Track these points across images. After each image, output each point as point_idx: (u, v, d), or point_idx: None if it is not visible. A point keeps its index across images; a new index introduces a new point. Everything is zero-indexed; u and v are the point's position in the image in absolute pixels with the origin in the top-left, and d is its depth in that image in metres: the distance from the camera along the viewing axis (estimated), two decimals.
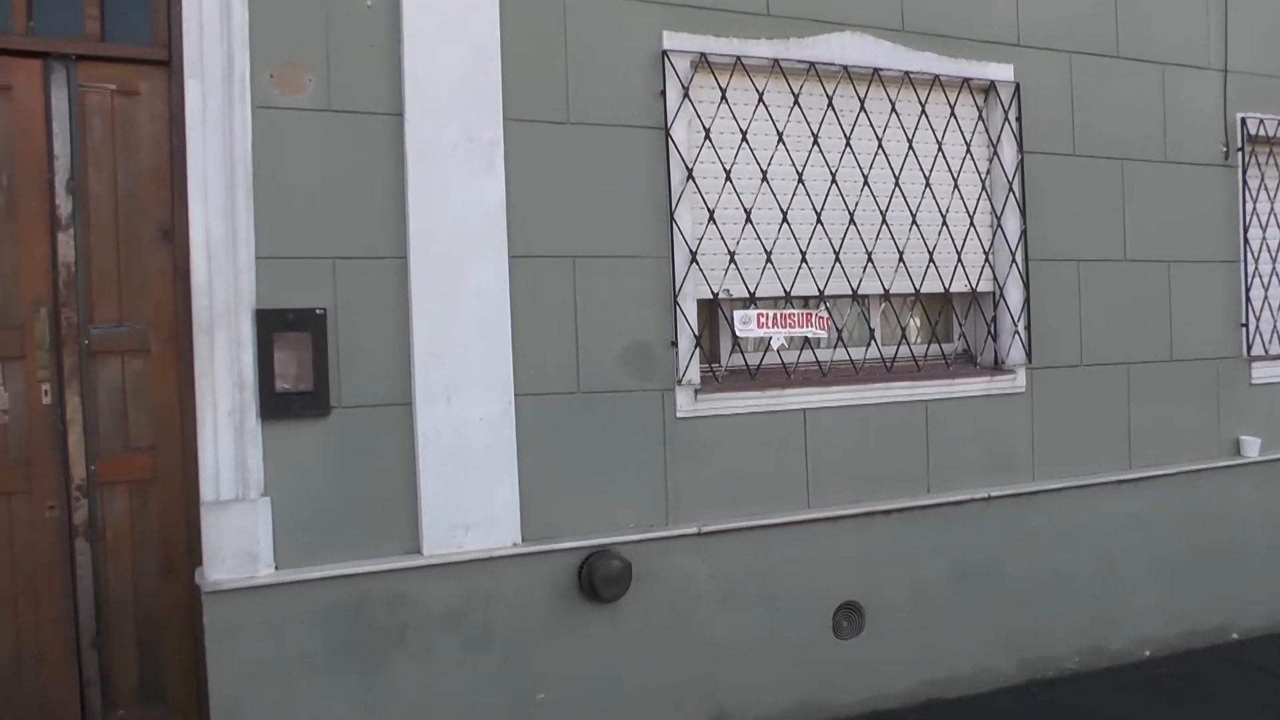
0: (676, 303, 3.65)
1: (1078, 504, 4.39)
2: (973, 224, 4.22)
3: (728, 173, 3.75)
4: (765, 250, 3.82)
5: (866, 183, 4.00)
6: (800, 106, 3.88)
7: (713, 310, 3.84)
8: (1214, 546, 4.73)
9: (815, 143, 3.91)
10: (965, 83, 4.19)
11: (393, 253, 3.27)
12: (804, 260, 3.88)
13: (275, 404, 3.14)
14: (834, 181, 3.94)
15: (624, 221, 3.58)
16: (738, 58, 3.75)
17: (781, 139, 3.85)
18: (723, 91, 3.74)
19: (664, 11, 3.64)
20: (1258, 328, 4.91)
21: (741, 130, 3.78)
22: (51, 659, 3.23)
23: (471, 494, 3.33)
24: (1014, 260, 4.25)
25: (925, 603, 4.06)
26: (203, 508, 3.09)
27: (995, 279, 4.28)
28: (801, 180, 3.88)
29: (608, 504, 3.55)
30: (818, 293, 3.92)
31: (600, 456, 3.55)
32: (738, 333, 3.78)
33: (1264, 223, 4.98)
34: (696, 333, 3.68)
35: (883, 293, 4.07)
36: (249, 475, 3.10)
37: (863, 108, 3.98)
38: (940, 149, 4.15)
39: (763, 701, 3.77)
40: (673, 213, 3.65)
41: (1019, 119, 4.26)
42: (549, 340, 3.47)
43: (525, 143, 3.42)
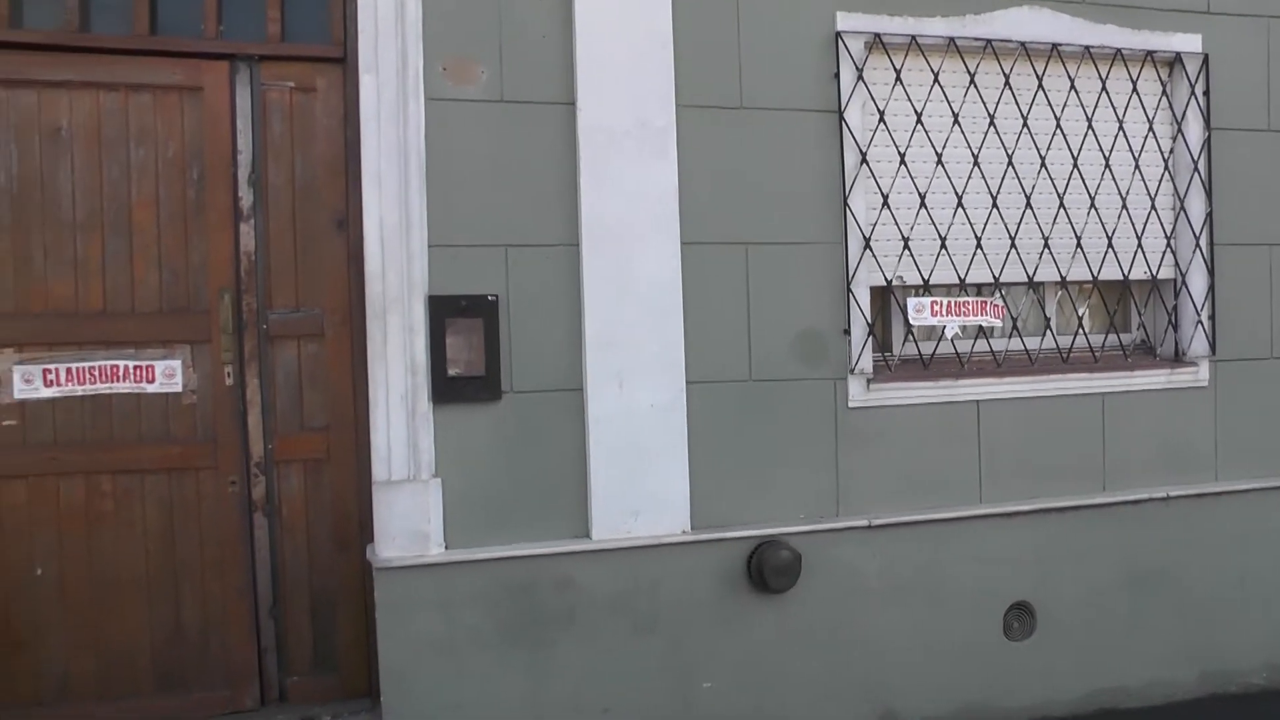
0: (849, 290, 3.55)
1: (1266, 507, 4.09)
2: (1154, 207, 3.97)
3: (902, 156, 3.62)
4: (939, 236, 3.68)
5: (1043, 164, 3.80)
6: (976, 86, 3.71)
7: (885, 297, 3.72)
8: None
9: (991, 123, 3.74)
10: (1149, 56, 3.94)
11: (564, 240, 3.27)
12: (979, 246, 3.72)
13: (447, 388, 3.19)
14: (1010, 164, 3.76)
15: (796, 207, 3.50)
16: (912, 37, 3.61)
17: (957, 120, 3.69)
18: (897, 72, 3.61)
19: None
20: None
21: (916, 112, 3.65)
22: (233, 626, 3.40)
23: (641, 480, 3.31)
24: (1198, 245, 3.98)
25: (1099, 606, 3.86)
26: (375, 487, 3.17)
27: (1177, 265, 4.02)
28: (977, 163, 3.72)
29: (777, 494, 3.48)
30: (992, 280, 3.75)
31: (770, 445, 3.48)
32: (911, 321, 3.66)
33: None
34: (869, 321, 3.57)
35: (1059, 280, 3.87)
36: (420, 456, 3.17)
37: (1040, 86, 3.78)
38: (1121, 127, 3.91)
39: (928, 702, 3.65)
40: (846, 198, 3.54)
41: (1206, 93, 3.98)
42: (720, 327, 3.42)
43: (697, 128, 3.37)
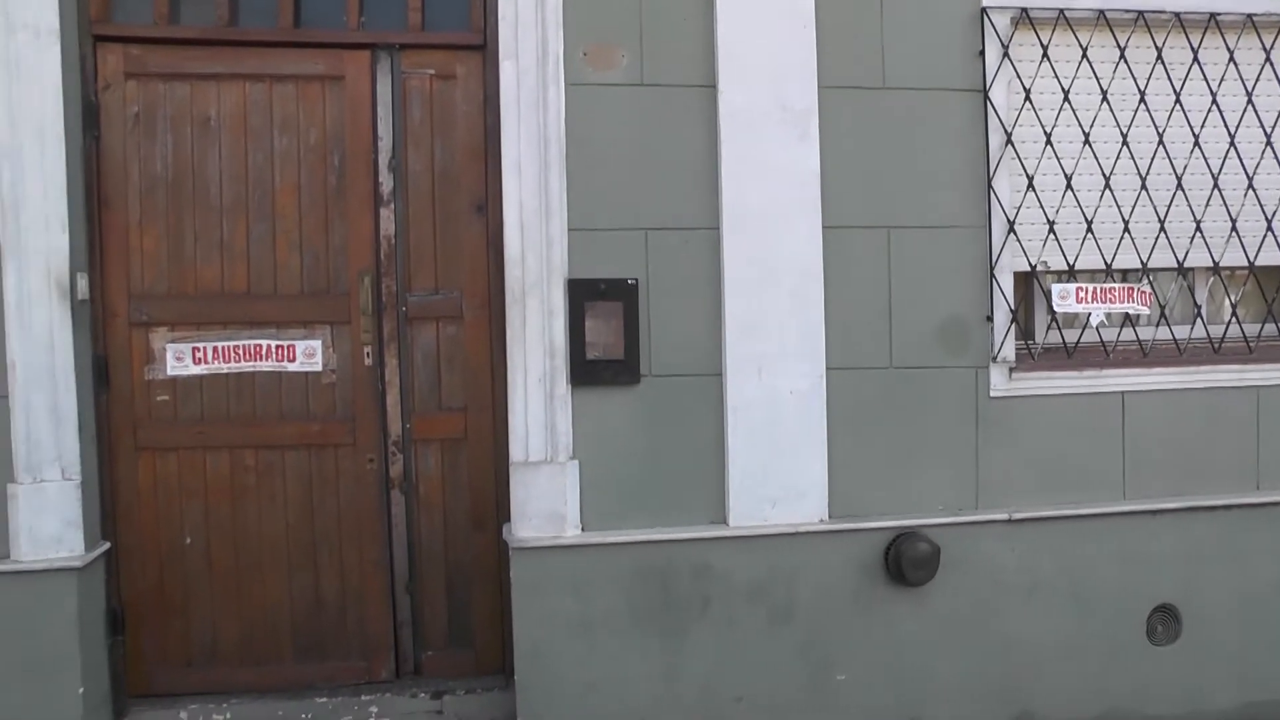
0: (993, 275, 3.43)
1: None
2: None
3: (1048, 136, 3.48)
4: (1085, 219, 3.53)
5: (1197, 143, 3.61)
6: (1126, 61, 3.54)
7: (1028, 283, 3.59)
8: None
9: (1141, 100, 3.56)
10: None
11: (704, 224, 3.25)
12: (1126, 230, 3.56)
13: (585, 371, 3.20)
14: (1160, 143, 3.58)
15: (939, 190, 3.40)
16: (1060, 11, 3.46)
17: (1105, 98, 3.53)
18: (1044, 48, 3.47)
19: None
20: None
21: (1063, 90, 3.50)
22: (370, 599, 3.48)
23: (779, 468, 3.27)
24: None
25: (1251, 612, 3.65)
26: (512, 468, 3.21)
27: None
28: (1125, 142, 3.55)
29: (916, 484, 3.40)
30: (1140, 265, 3.58)
31: (909, 434, 3.39)
32: (1055, 308, 3.52)
33: None
34: (1012, 307, 3.45)
35: (1211, 265, 3.67)
36: (558, 439, 3.19)
37: (1195, 59, 3.60)
38: None
39: (1068, 704, 3.51)
40: (990, 180, 3.42)
41: None
42: (861, 313, 3.35)
43: (839, 110, 3.31)
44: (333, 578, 3.46)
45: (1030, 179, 3.48)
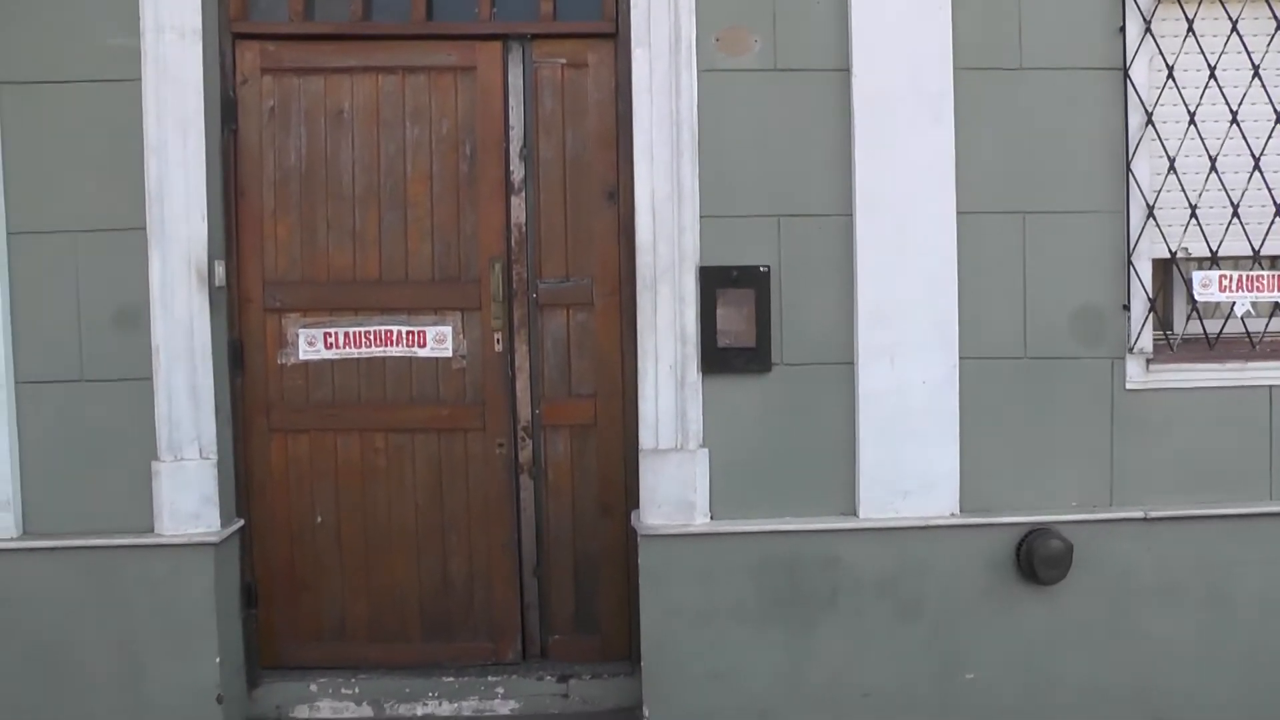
0: (1130, 262, 3.32)
1: None
2: None
3: (1191, 116, 3.34)
4: (1231, 203, 3.38)
5: None
6: None
7: (1168, 271, 3.47)
8: None
9: None
10: None
11: (837, 210, 3.22)
12: (1277, 214, 3.40)
13: (716, 359, 3.20)
14: None
15: (1075, 174, 3.30)
16: None
17: (1257, 74, 3.37)
18: (1189, 22, 3.34)
19: None
20: None
21: (1209, 66, 3.35)
22: (498, 582, 3.53)
23: (911, 459, 3.22)
24: None
25: None
26: (641, 455, 3.22)
27: None
28: (1279, 121, 3.39)
29: (1048, 479, 3.31)
30: None
31: (1042, 427, 3.30)
32: (1196, 296, 3.39)
33: None
34: (1151, 296, 3.33)
35: None
36: (688, 426, 3.19)
37: None
38: None
39: (1206, 712, 3.36)
40: (1129, 163, 3.31)
41: None
42: (995, 301, 3.27)
43: (974, 92, 3.23)
44: (461, 560, 3.51)
45: (1171, 161, 3.35)
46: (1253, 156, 3.39)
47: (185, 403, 3.22)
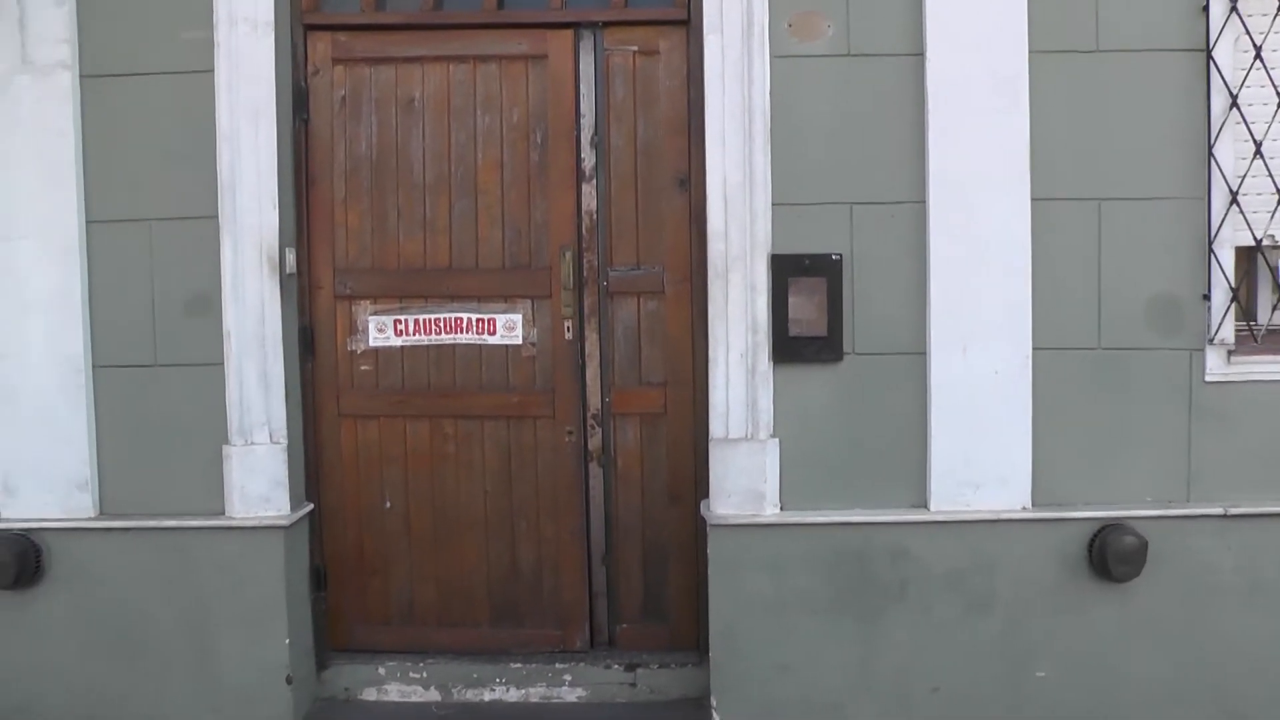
0: (1211, 250, 3.23)
1: None
2: None
3: None
4: None
5: None
6: None
7: (1251, 259, 3.38)
8: None
9: None
10: None
11: (909, 197, 3.18)
12: None
13: (788, 348, 3.17)
14: None
15: (1154, 159, 3.22)
16: None
17: None
18: None
19: None
20: None
21: None
22: (566, 569, 3.54)
23: (982, 451, 3.17)
24: None
25: None
26: (711, 444, 3.21)
27: None
28: None
29: (1122, 473, 3.24)
30: None
31: (1117, 420, 3.23)
32: None
33: None
34: (1233, 285, 3.25)
35: None
36: (758, 416, 3.17)
37: None
38: None
39: None
40: (1211, 147, 3.22)
41: None
42: (1069, 290, 3.21)
43: (1049, 76, 3.18)
44: (529, 546, 3.53)
45: (1258, 145, 3.25)
46: None
47: (256, 388, 3.26)
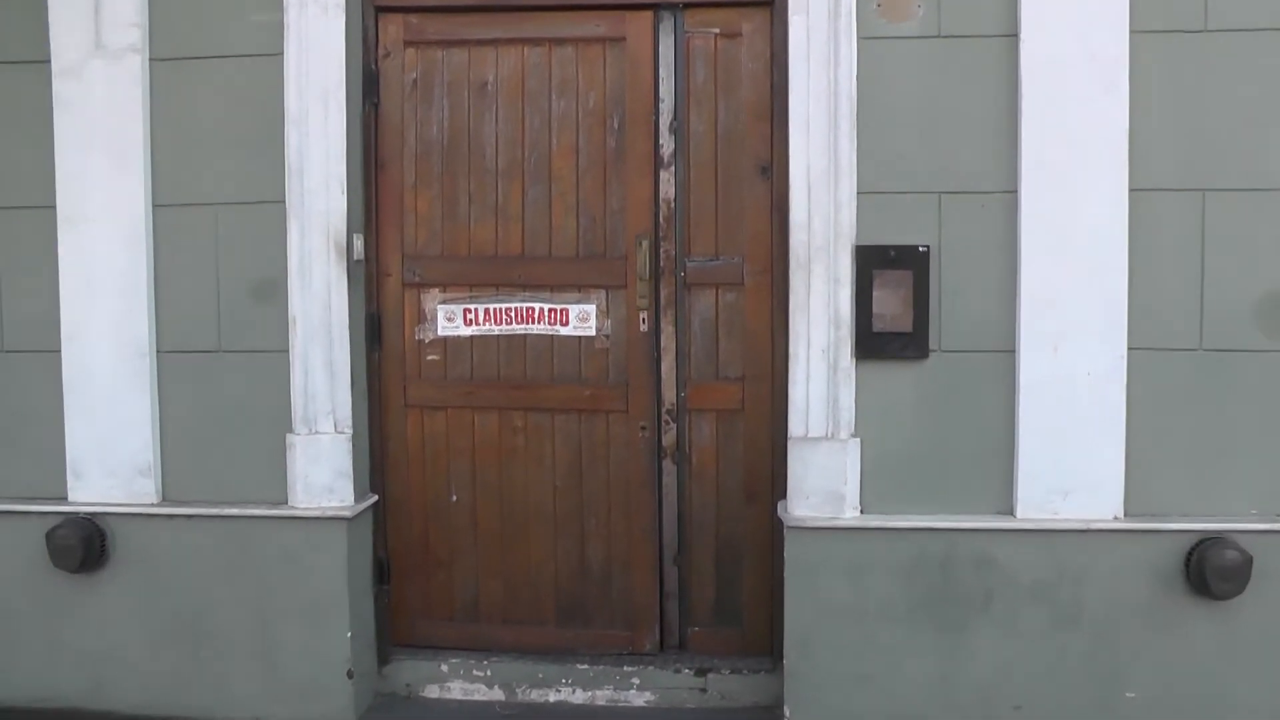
0: None
1: None
2: None
3: None
4: None
5: None
6: None
7: None
8: None
9: None
10: None
11: (1001, 186, 3.05)
12: None
13: (871, 343, 3.07)
14: None
15: (1266, 147, 3.04)
16: None
17: None
18: None
19: None
20: None
21: None
22: (637, 569, 3.46)
23: (1073, 456, 3.04)
24: None
25: None
26: (790, 443, 3.11)
27: None
28: None
29: (1223, 483, 3.08)
30: None
31: (1219, 426, 3.07)
32: None
33: None
34: None
35: None
36: (839, 414, 3.08)
37: None
38: None
39: None
40: None
41: None
42: (1169, 287, 3.06)
43: (1152, 57, 3.02)
44: (599, 544, 3.45)
45: None
46: None
47: (321, 376, 3.23)
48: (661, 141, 3.37)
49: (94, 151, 3.21)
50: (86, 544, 3.18)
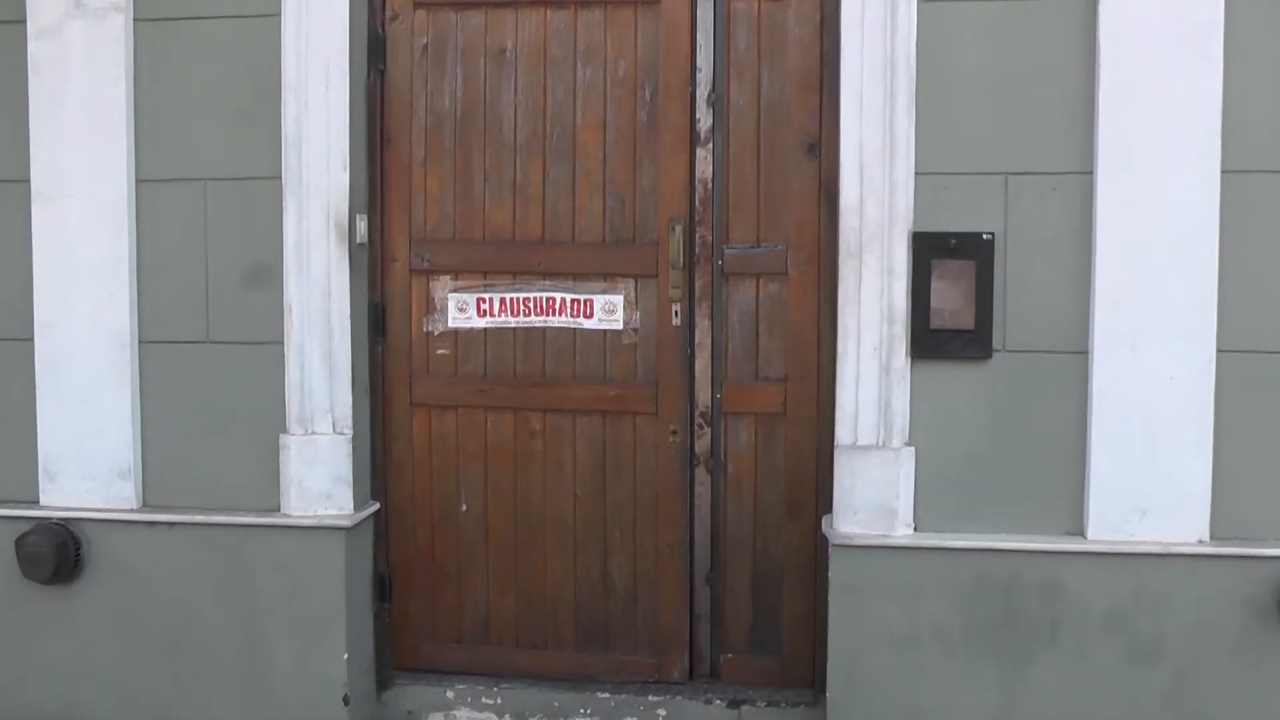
0: None
1: None
2: None
3: None
4: None
5: None
6: None
7: None
8: None
9: None
10: None
11: (1075, 167, 2.81)
12: None
13: (928, 342, 2.85)
14: None
15: None
16: None
17: None
18: None
19: None
20: None
21: None
22: (665, 588, 3.25)
23: (1151, 471, 2.80)
24: None
25: None
26: (837, 451, 2.90)
27: None
28: None
29: None
30: None
31: None
32: None
33: None
34: None
35: None
36: (892, 420, 2.86)
37: None
38: None
39: None
40: None
41: None
42: (1266, 283, 2.80)
43: (1252, 21, 2.74)
44: (624, 560, 3.24)
45: None
46: None
47: (319, 370, 3.06)
48: (698, 115, 3.15)
49: (72, 121, 3.04)
50: (59, 552, 3.03)
